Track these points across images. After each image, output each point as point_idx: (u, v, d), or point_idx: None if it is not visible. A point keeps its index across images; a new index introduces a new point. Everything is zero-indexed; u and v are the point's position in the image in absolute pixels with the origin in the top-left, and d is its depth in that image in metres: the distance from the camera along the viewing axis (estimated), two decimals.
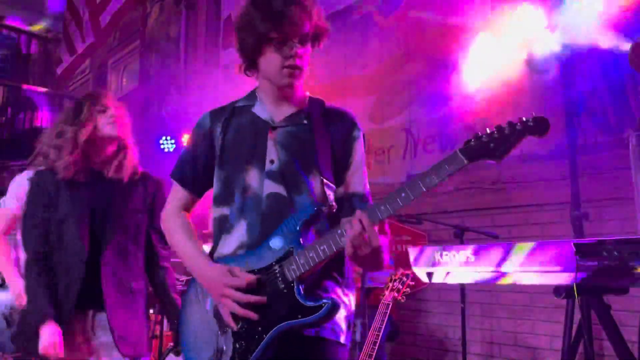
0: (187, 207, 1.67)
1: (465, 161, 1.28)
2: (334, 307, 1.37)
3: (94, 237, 2.07)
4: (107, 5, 6.20)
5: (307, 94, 1.64)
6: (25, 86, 8.95)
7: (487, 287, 3.72)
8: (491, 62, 3.82)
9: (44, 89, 9.21)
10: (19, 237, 3.30)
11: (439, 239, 4.14)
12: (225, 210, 1.56)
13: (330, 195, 1.53)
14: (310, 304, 1.37)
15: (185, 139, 6.29)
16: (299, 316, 1.37)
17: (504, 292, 3.72)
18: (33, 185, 2.16)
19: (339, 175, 1.56)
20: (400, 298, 2.86)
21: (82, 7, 6.46)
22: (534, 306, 3.63)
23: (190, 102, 6.90)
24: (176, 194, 1.66)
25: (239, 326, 1.43)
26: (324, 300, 1.37)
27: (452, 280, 2.17)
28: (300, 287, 1.40)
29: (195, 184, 1.64)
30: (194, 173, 1.63)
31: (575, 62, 3.45)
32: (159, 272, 2.21)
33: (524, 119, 1.26)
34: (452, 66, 4.21)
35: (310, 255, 1.39)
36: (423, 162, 4.52)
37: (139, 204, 2.19)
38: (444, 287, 3.92)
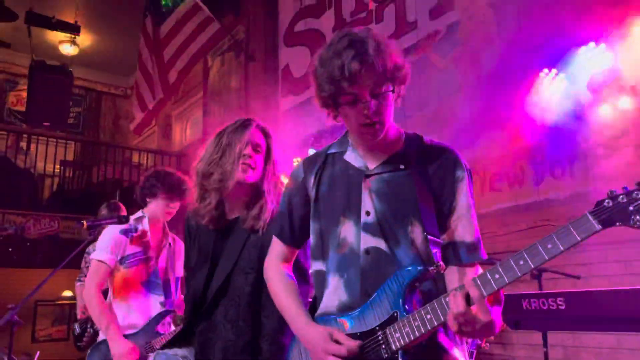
0: (286, 259, 1.64)
1: (598, 227, 1.09)
2: None
3: (205, 306, 1.88)
4: (175, 63, 6.59)
5: (403, 132, 1.52)
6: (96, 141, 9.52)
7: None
8: (556, 100, 3.80)
9: (113, 144, 9.77)
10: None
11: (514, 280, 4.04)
12: (320, 265, 1.50)
13: (437, 253, 1.38)
14: None
15: None
16: None
17: (589, 334, 3.57)
18: (185, 229, 2.05)
19: (443, 221, 1.42)
20: (484, 346, 2.81)
21: (152, 66, 6.90)
22: (621, 348, 3.46)
23: None
24: (275, 247, 1.65)
25: None
26: None
27: (541, 328, 2.12)
28: (403, 357, 1.29)
29: (293, 237, 1.61)
30: (291, 226, 1.60)
31: None
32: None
33: None
34: (514, 104, 4.20)
35: (416, 324, 1.27)
36: (491, 199, 4.47)
37: (251, 261, 1.85)
38: (523, 330, 3.80)
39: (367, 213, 1.42)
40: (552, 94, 3.86)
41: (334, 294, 1.44)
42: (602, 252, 3.62)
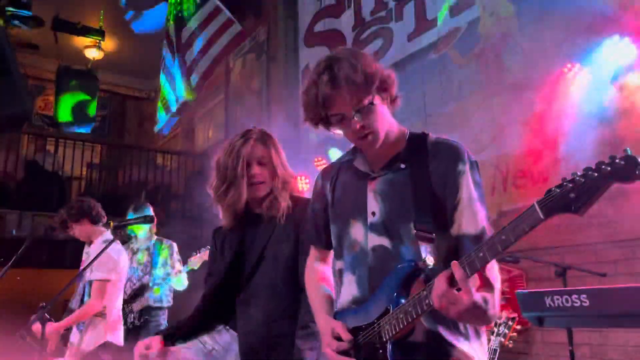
0: (322, 259, 1.78)
1: (542, 216, 1.08)
2: None
3: (243, 278, 2.03)
4: (196, 65, 6.67)
5: (407, 132, 1.58)
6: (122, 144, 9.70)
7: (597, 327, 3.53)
8: (580, 95, 3.75)
9: (137, 146, 9.94)
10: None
11: (537, 277, 4.00)
12: (339, 264, 1.62)
13: (427, 247, 1.39)
14: None
15: None
16: None
17: (616, 332, 3.51)
18: (212, 242, 2.25)
19: (448, 216, 1.44)
20: (507, 343, 2.79)
21: (175, 69, 7.01)
22: None
23: None
24: (310, 251, 1.80)
25: None
26: None
27: (564, 325, 2.10)
28: (393, 348, 1.36)
29: (319, 240, 1.74)
30: (316, 230, 1.74)
31: None
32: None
33: (609, 159, 1.02)
34: (537, 100, 4.15)
35: (400, 316, 1.34)
36: (514, 198, 4.43)
37: (283, 234, 2.01)
38: (548, 327, 3.76)
39: (373, 214, 1.50)
40: (575, 89, 3.80)
41: (348, 290, 1.56)
42: (630, 249, 3.56)
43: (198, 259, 4.46)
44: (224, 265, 2.08)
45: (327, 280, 1.72)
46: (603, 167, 1.01)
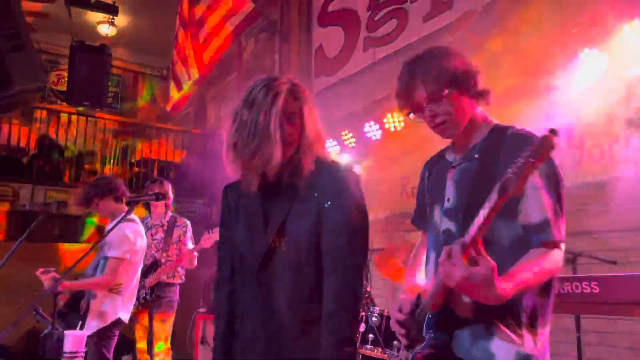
0: (424, 242, 1.88)
1: (496, 197, 1.19)
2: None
3: (268, 253, 1.72)
4: (209, 44, 6.65)
5: (493, 122, 1.65)
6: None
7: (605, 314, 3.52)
8: (598, 80, 3.69)
9: (150, 123, 9.97)
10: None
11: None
12: (428, 245, 1.78)
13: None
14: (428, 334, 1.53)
15: None
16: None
17: (624, 320, 3.50)
18: (223, 201, 1.91)
19: (514, 206, 1.47)
20: None
21: (187, 47, 6.99)
22: None
23: None
24: (420, 236, 1.93)
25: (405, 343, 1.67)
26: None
27: (573, 312, 2.10)
28: (431, 319, 1.53)
29: (423, 224, 1.88)
30: (420, 215, 1.87)
31: None
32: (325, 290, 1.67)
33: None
34: (553, 84, 4.09)
35: (434, 290, 1.49)
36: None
37: (305, 207, 1.71)
38: (555, 314, 3.76)
39: (448, 200, 1.65)
40: (593, 73, 3.74)
41: (428, 269, 1.73)
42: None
43: (209, 239, 4.49)
44: (264, 243, 1.73)
45: (420, 258, 1.86)
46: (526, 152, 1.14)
